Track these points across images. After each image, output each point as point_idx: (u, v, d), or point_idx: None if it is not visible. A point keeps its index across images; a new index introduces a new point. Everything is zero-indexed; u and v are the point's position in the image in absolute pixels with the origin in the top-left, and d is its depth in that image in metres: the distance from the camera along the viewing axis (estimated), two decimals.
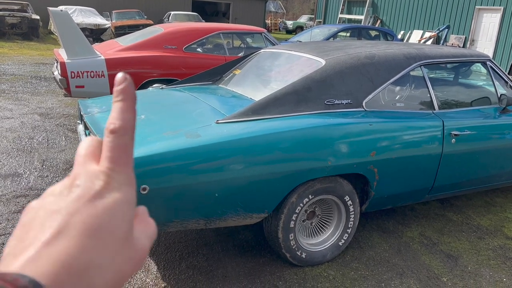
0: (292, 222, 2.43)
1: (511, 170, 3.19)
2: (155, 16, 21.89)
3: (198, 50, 5.58)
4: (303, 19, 31.73)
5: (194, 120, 2.42)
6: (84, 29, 14.82)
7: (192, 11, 23.11)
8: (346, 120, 2.45)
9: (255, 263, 2.62)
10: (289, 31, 29.77)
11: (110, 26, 16.65)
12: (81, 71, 4.82)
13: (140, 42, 5.35)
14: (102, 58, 4.95)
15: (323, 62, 2.70)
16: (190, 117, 2.49)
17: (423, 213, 3.43)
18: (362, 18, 17.56)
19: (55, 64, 5.29)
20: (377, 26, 16.38)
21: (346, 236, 2.67)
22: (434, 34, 14.66)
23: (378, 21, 17.20)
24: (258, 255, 2.71)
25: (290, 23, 30.80)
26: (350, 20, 18.22)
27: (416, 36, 15.49)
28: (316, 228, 2.67)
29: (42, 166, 3.98)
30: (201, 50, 5.62)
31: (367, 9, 17.46)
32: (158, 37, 5.39)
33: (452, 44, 14.25)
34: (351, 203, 2.60)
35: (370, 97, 2.63)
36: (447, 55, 3.03)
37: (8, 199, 3.27)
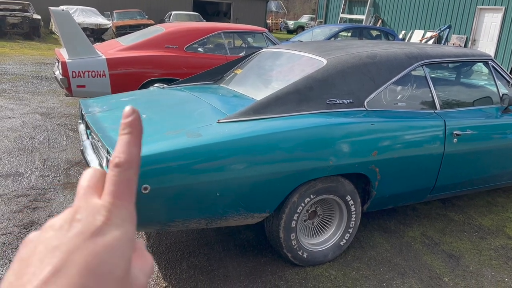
0: (293, 222, 2.43)
1: None
2: (156, 16, 21.90)
3: (199, 49, 5.58)
4: (304, 19, 31.70)
5: (195, 119, 2.41)
6: (85, 29, 14.83)
7: (193, 11, 23.11)
8: (347, 119, 2.44)
9: (256, 263, 2.62)
10: (290, 31, 29.75)
11: (111, 26, 16.66)
12: (82, 71, 4.82)
13: (141, 41, 5.35)
14: (103, 57, 4.95)
15: (325, 62, 2.70)
16: (191, 116, 2.49)
17: (425, 213, 3.42)
18: (363, 18, 17.54)
19: (56, 63, 5.29)
20: (378, 26, 16.36)
21: (347, 236, 2.66)
22: (435, 34, 14.64)
23: (379, 21, 17.19)
24: (259, 255, 2.71)
25: (291, 23, 30.78)
26: (351, 20, 18.21)
27: (417, 36, 15.47)
28: (317, 227, 2.66)
29: (43, 165, 3.98)
30: (202, 50, 5.61)
31: (368, 9, 17.45)
32: (159, 36, 5.39)
33: (453, 44, 14.23)
34: (353, 203, 2.59)
35: (372, 96, 2.63)
36: (449, 55, 3.03)
37: (9, 199, 3.27)
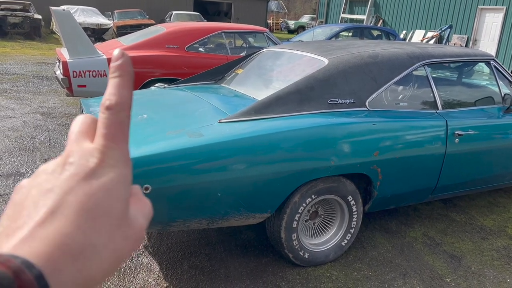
0: (294, 222, 2.42)
1: None
2: (157, 15, 21.90)
3: (200, 49, 5.57)
4: (305, 19, 31.70)
5: (196, 119, 2.41)
6: (86, 28, 14.83)
7: (194, 11, 23.11)
8: (349, 119, 2.44)
9: (258, 263, 2.61)
10: (290, 31, 29.74)
11: (112, 25, 16.67)
12: (83, 71, 4.82)
13: (142, 41, 5.34)
14: (104, 57, 4.95)
15: (326, 62, 2.69)
16: (192, 116, 2.48)
17: (426, 213, 3.42)
18: (364, 17, 17.53)
19: (57, 63, 5.29)
20: (379, 25, 16.34)
21: (349, 236, 2.65)
22: (436, 34, 14.63)
23: (380, 20, 17.17)
24: (260, 255, 2.70)
25: (291, 23, 30.78)
26: (352, 20, 18.20)
27: (418, 36, 15.46)
28: (318, 228, 2.65)
29: None
30: (203, 50, 5.61)
31: (369, 8, 17.44)
32: (160, 36, 5.38)
33: (454, 44, 14.22)
34: (354, 203, 2.58)
35: (373, 96, 2.62)
36: (451, 55, 3.02)
37: (10, 199, 3.26)
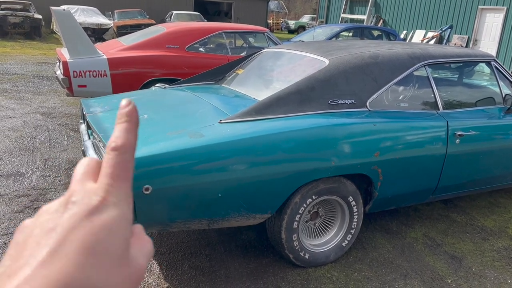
0: (295, 223, 2.42)
1: None
2: (157, 15, 21.90)
3: (201, 49, 5.57)
4: (305, 19, 31.70)
5: (197, 120, 2.40)
6: (86, 28, 14.83)
7: (194, 11, 23.10)
8: (350, 120, 2.43)
9: (258, 264, 2.61)
10: (291, 31, 29.74)
11: (112, 25, 16.66)
12: (83, 71, 4.82)
13: (142, 41, 5.34)
14: (105, 57, 4.94)
15: (327, 62, 2.69)
16: (193, 117, 2.48)
17: (427, 214, 3.41)
18: (364, 18, 17.52)
19: (58, 63, 5.28)
20: (379, 26, 16.34)
21: (349, 237, 2.65)
22: (437, 34, 14.62)
23: (381, 20, 17.17)
24: (261, 256, 2.70)
25: (292, 23, 30.77)
26: (352, 20, 18.19)
27: (418, 36, 15.45)
28: (319, 228, 2.65)
29: (44, 165, 3.98)
30: (203, 50, 5.60)
31: (370, 8, 17.43)
32: (161, 36, 5.38)
33: (455, 44, 14.21)
34: (355, 204, 2.58)
35: (374, 97, 2.61)
36: (452, 55, 3.01)
37: (10, 199, 3.26)
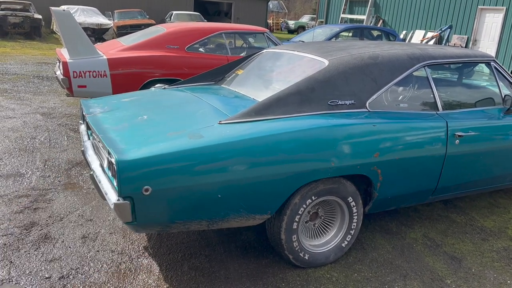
0: (295, 224, 2.42)
1: None
2: (157, 15, 21.90)
3: (201, 50, 5.57)
4: (305, 19, 31.72)
5: (196, 120, 2.41)
6: (86, 28, 14.83)
7: (194, 11, 23.10)
8: (349, 121, 2.43)
9: (258, 265, 2.61)
10: (291, 31, 29.76)
11: (112, 25, 16.67)
12: (83, 71, 4.82)
13: (142, 42, 5.34)
14: (104, 58, 4.95)
15: (326, 63, 2.69)
16: (192, 117, 2.48)
17: (427, 214, 3.41)
18: (364, 18, 17.52)
19: (58, 63, 5.28)
20: (379, 26, 16.34)
21: (349, 237, 2.65)
22: (436, 34, 14.62)
23: (380, 21, 17.17)
24: (260, 257, 2.70)
25: (292, 23, 30.80)
26: (352, 20, 18.20)
27: (418, 36, 15.45)
28: (319, 229, 2.65)
29: (44, 166, 3.98)
30: (203, 50, 5.61)
31: (369, 9, 17.43)
32: (161, 37, 5.38)
33: (454, 44, 14.21)
34: (354, 204, 2.58)
35: (374, 97, 2.61)
36: (451, 56, 3.01)
37: (10, 199, 3.26)
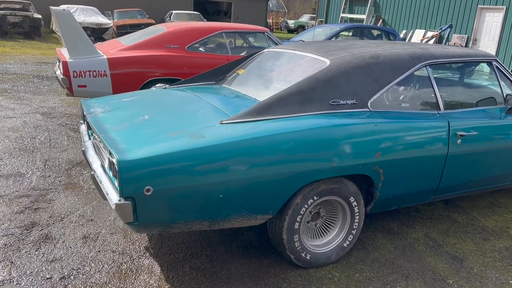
0: (296, 224, 2.41)
1: None
2: (157, 15, 21.88)
3: (201, 49, 5.56)
4: (305, 18, 31.71)
5: (198, 120, 2.40)
6: (85, 28, 14.82)
7: (193, 10, 23.09)
8: (351, 120, 2.43)
9: (259, 265, 2.60)
10: (290, 30, 29.75)
11: (111, 25, 16.65)
12: (83, 71, 4.81)
13: (142, 41, 5.33)
14: (105, 57, 4.94)
15: (328, 62, 2.68)
16: (194, 117, 2.47)
17: (428, 214, 3.41)
18: (364, 17, 17.51)
19: (57, 63, 5.27)
20: (379, 25, 16.33)
21: (350, 237, 2.65)
22: (436, 33, 14.61)
23: (380, 20, 17.16)
24: (262, 257, 2.69)
25: (291, 22, 30.79)
26: (352, 19, 18.19)
27: (418, 35, 15.44)
28: (320, 229, 2.64)
29: (45, 166, 3.97)
30: (203, 50, 5.60)
31: (369, 8, 17.42)
32: (161, 36, 5.37)
33: (454, 43, 14.21)
34: (356, 204, 2.57)
35: (375, 97, 2.61)
36: (453, 55, 3.01)
37: (10, 199, 3.25)
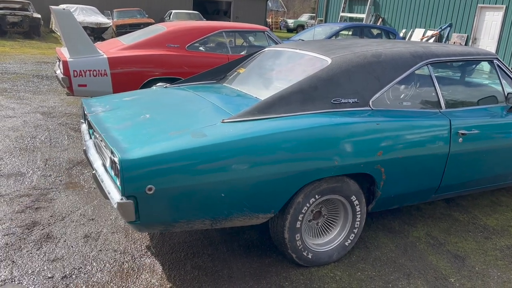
0: (298, 222, 2.41)
1: None
2: (156, 14, 21.86)
3: (201, 48, 5.56)
4: (304, 18, 31.70)
5: (199, 119, 2.39)
6: (85, 27, 14.80)
7: (193, 10, 23.07)
8: (352, 119, 2.42)
9: (261, 264, 2.60)
10: (290, 30, 29.75)
11: (111, 24, 16.63)
12: (83, 70, 4.80)
13: (142, 40, 5.33)
14: (105, 57, 4.93)
15: (329, 61, 2.68)
16: (195, 116, 2.47)
17: (429, 212, 3.41)
18: (363, 16, 17.50)
19: (57, 62, 5.27)
20: (378, 24, 16.33)
21: (352, 236, 2.64)
22: (436, 32, 14.61)
23: (380, 19, 17.15)
24: (263, 255, 2.69)
25: (291, 22, 30.79)
26: (351, 18, 18.18)
27: (418, 34, 15.44)
28: (322, 228, 2.64)
29: (45, 165, 3.96)
30: (203, 49, 5.59)
31: (369, 7, 17.41)
32: (161, 35, 5.36)
33: (454, 42, 14.21)
34: (358, 203, 2.57)
35: (377, 96, 2.60)
36: (454, 54, 3.00)
37: (11, 199, 3.25)
